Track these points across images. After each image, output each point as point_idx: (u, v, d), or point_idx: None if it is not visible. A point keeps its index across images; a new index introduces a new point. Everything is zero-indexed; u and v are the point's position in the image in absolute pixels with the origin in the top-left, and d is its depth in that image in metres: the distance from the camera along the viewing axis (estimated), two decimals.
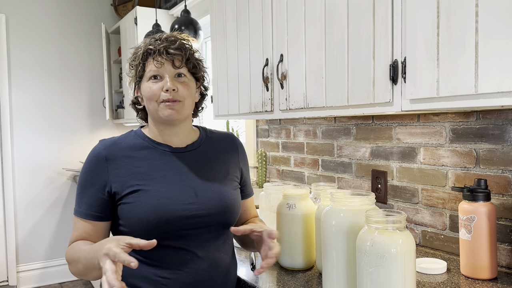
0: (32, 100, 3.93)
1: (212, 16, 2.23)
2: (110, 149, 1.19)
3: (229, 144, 1.33)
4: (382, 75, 1.21)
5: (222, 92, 2.14)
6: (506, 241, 1.34)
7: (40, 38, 3.94)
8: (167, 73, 1.17)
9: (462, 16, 0.99)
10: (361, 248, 0.99)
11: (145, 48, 1.18)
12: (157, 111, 1.17)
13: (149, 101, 1.18)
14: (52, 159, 4.02)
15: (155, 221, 1.11)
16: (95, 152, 1.19)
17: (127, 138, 1.23)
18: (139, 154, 1.19)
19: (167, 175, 1.18)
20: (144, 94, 1.19)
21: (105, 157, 1.17)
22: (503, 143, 1.33)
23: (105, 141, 1.22)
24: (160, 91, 1.16)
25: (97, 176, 1.16)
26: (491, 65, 0.94)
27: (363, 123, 1.84)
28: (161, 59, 1.16)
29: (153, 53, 1.17)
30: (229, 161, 1.29)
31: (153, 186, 1.15)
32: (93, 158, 1.18)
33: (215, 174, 1.24)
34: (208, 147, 1.27)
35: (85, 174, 1.18)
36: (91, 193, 1.16)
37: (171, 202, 1.14)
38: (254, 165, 2.61)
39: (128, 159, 1.18)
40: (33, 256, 3.95)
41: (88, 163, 1.19)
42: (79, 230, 1.17)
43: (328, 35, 1.41)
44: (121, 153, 1.19)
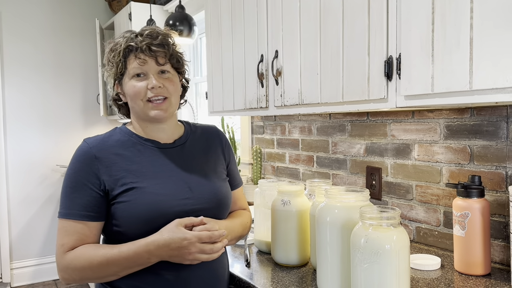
0: (26, 97, 3.90)
1: (207, 12, 2.22)
2: (98, 148, 1.14)
3: (213, 136, 1.34)
4: (377, 71, 1.21)
5: (217, 89, 2.14)
6: (499, 237, 1.35)
7: (33, 34, 3.91)
8: (151, 70, 1.16)
9: (457, 12, 0.99)
10: (355, 244, 0.99)
11: (126, 45, 1.15)
12: (143, 110, 1.17)
13: (133, 100, 1.17)
14: (46, 156, 4.00)
15: (152, 218, 1.10)
16: (82, 151, 1.14)
17: (113, 136, 1.20)
18: (128, 152, 1.17)
19: (159, 172, 1.17)
20: (128, 93, 1.17)
21: (95, 155, 1.13)
22: (497, 140, 1.34)
23: (91, 139, 1.17)
24: (145, 89, 1.15)
25: (89, 175, 1.11)
26: (486, 62, 0.94)
27: (358, 119, 1.84)
28: (144, 56, 1.14)
29: (135, 50, 1.15)
30: (215, 154, 1.31)
31: (146, 183, 1.13)
32: (81, 157, 1.13)
33: (204, 168, 1.25)
34: (194, 142, 1.28)
35: (75, 174, 1.12)
36: (85, 193, 1.11)
37: (167, 198, 1.13)
38: (249, 162, 2.61)
39: (118, 157, 1.15)
40: (27, 253, 3.93)
41: (76, 163, 1.13)
42: (75, 234, 1.10)
43: (323, 31, 1.40)
44: (110, 151, 1.15)
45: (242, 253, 1.51)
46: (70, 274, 1.09)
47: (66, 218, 1.11)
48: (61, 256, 1.09)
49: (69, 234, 1.10)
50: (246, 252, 1.45)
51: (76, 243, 1.10)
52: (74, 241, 1.10)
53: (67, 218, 1.11)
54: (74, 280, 1.11)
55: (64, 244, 1.10)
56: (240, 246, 1.59)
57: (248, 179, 2.51)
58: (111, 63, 1.19)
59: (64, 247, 1.10)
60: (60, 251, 1.10)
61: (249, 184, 2.39)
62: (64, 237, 1.10)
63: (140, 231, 1.10)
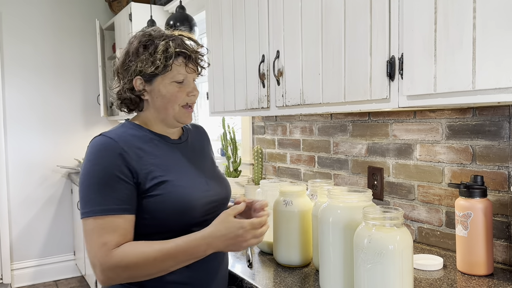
0: (26, 98, 3.90)
1: (208, 12, 2.22)
2: (122, 142, 1.12)
3: (202, 134, 1.41)
4: (379, 71, 1.21)
5: (218, 89, 2.13)
6: (502, 237, 1.35)
7: (33, 35, 3.91)
8: (191, 77, 1.21)
9: (460, 12, 0.99)
10: (358, 244, 0.99)
11: (178, 49, 1.16)
12: (176, 114, 1.19)
13: (170, 103, 1.18)
14: (46, 157, 4.00)
15: (184, 210, 1.13)
16: (108, 145, 1.10)
17: (128, 131, 1.18)
18: (148, 146, 1.16)
19: (179, 165, 1.20)
20: (166, 95, 1.17)
21: (123, 148, 1.10)
22: (500, 140, 1.34)
23: (111, 133, 1.14)
24: (184, 95, 1.19)
25: (122, 168, 1.08)
26: (489, 62, 0.94)
27: (359, 119, 1.84)
28: (193, 66, 1.20)
29: (186, 57, 1.18)
30: (207, 150, 1.39)
31: (173, 176, 1.15)
32: (109, 151, 1.09)
33: (206, 162, 1.32)
34: (193, 138, 1.34)
35: (106, 169, 1.07)
36: (120, 186, 1.07)
37: (193, 190, 1.16)
38: (250, 162, 2.61)
39: (141, 151, 1.14)
40: (27, 254, 3.93)
41: (104, 157, 1.08)
42: (116, 230, 1.05)
43: (325, 31, 1.40)
44: (134, 145, 1.13)
45: (244, 253, 1.51)
46: (119, 273, 1.04)
47: (102, 214, 1.05)
48: (107, 255, 1.03)
49: (110, 231, 1.05)
50: (248, 252, 1.45)
51: (119, 239, 1.05)
52: (117, 237, 1.05)
53: (104, 215, 1.05)
54: (121, 279, 1.06)
55: (107, 242, 1.04)
56: None
57: (249, 180, 2.51)
58: (147, 58, 1.16)
59: (108, 246, 1.04)
60: (103, 251, 1.03)
61: (250, 185, 2.39)
62: (103, 235, 1.04)
63: (171, 223, 1.12)
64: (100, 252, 1.04)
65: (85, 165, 1.10)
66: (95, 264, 1.05)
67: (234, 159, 2.53)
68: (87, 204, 1.07)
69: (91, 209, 1.06)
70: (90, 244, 1.05)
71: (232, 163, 2.53)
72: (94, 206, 1.06)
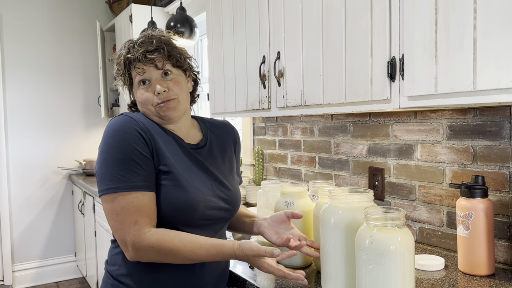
0: (27, 99, 3.91)
1: (208, 13, 2.22)
2: (142, 123, 1.13)
3: (229, 134, 1.36)
4: (379, 72, 1.21)
5: (218, 90, 2.14)
6: (503, 237, 1.35)
7: (34, 36, 3.92)
8: (153, 76, 1.17)
9: (461, 12, 0.99)
10: (360, 245, 0.99)
11: (125, 58, 1.19)
12: (154, 114, 1.19)
13: (144, 106, 1.19)
14: (47, 158, 4.01)
15: (185, 206, 1.12)
16: (129, 122, 1.11)
17: (141, 118, 1.18)
18: (159, 137, 1.16)
19: (187, 165, 1.18)
20: (139, 101, 1.20)
21: (143, 129, 1.11)
22: (500, 140, 1.34)
23: (132, 114, 1.16)
24: (153, 96, 1.17)
25: (144, 146, 1.09)
26: (490, 62, 0.94)
27: (360, 120, 1.84)
28: (141, 65, 1.16)
29: (133, 60, 1.17)
30: (229, 152, 1.33)
31: (181, 171, 1.14)
32: (130, 128, 1.10)
33: (222, 169, 1.28)
34: (212, 142, 1.29)
35: (128, 145, 1.07)
36: (145, 162, 1.08)
37: (198, 191, 1.15)
38: (251, 163, 2.61)
39: (157, 137, 1.15)
40: (28, 255, 3.93)
41: (126, 134, 1.08)
42: (145, 207, 1.06)
43: (326, 32, 1.41)
44: (151, 129, 1.15)
45: None
46: (149, 254, 1.06)
47: (132, 191, 1.05)
48: (140, 235, 1.04)
49: (139, 209, 1.05)
50: None
51: (149, 217, 1.06)
52: (147, 215, 1.06)
53: (134, 191, 1.05)
54: (150, 259, 1.07)
55: (138, 220, 1.04)
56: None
57: (250, 180, 2.51)
58: (119, 76, 1.24)
59: (140, 224, 1.04)
60: (136, 230, 1.04)
61: (251, 185, 2.39)
62: (134, 213, 1.04)
63: (168, 216, 1.11)
64: (133, 231, 1.04)
65: (106, 142, 1.09)
66: (126, 241, 1.05)
67: None
68: (114, 180, 1.05)
69: (119, 185, 1.05)
70: (120, 222, 1.05)
71: None
72: (123, 182, 1.05)
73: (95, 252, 3.36)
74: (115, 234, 1.09)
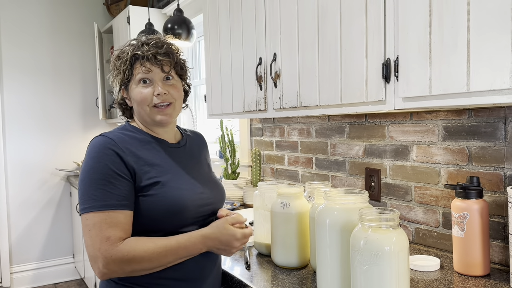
0: (24, 101, 3.91)
1: (205, 15, 2.22)
2: (122, 142, 1.17)
3: (201, 141, 1.46)
4: (374, 73, 1.22)
5: (215, 91, 2.14)
6: (498, 237, 1.36)
7: (32, 38, 3.92)
8: (156, 77, 1.21)
9: (454, 14, 0.99)
10: (354, 246, 0.99)
11: (132, 53, 1.21)
12: (149, 115, 1.23)
13: (140, 105, 1.22)
14: (45, 160, 4.00)
15: (177, 211, 1.17)
16: (108, 143, 1.15)
17: (127, 133, 1.23)
18: (145, 148, 1.21)
19: (175, 167, 1.24)
20: (135, 98, 1.22)
21: (121, 148, 1.15)
22: (495, 141, 1.34)
23: (111, 134, 1.19)
24: (151, 96, 1.21)
25: (121, 166, 1.13)
26: (483, 63, 0.94)
27: (356, 121, 1.85)
28: (149, 65, 1.20)
29: (141, 58, 1.20)
30: (205, 156, 1.43)
31: (168, 178, 1.19)
32: (108, 149, 1.14)
33: (204, 167, 1.36)
34: (191, 143, 1.38)
35: (105, 166, 1.11)
36: (121, 183, 1.11)
37: (188, 192, 1.21)
38: (248, 164, 2.61)
39: (139, 152, 1.18)
40: (26, 257, 3.93)
41: (104, 155, 1.13)
42: (118, 224, 1.09)
43: (321, 34, 1.41)
44: (132, 146, 1.19)
45: (242, 255, 1.52)
46: (123, 266, 1.08)
47: (104, 209, 1.09)
48: (112, 249, 1.07)
49: (113, 226, 1.08)
50: (246, 254, 1.45)
51: (121, 234, 1.09)
52: (119, 232, 1.09)
53: (106, 210, 1.09)
54: (122, 272, 1.09)
55: (110, 236, 1.07)
56: None
57: (247, 182, 2.51)
58: (117, 70, 1.24)
59: (112, 240, 1.07)
60: (108, 244, 1.07)
61: (249, 187, 2.40)
62: (107, 230, 1.08)
63: (163, 223, 1.16)
64: (104, 246, 1.07)
65: (86, 163, 1.14)
66: (97, 257, 1.07)
67: (232, 161, 2.54)
68: (88, 199, 1.10)
69: (92, 204, 1.09)
70: (93, 238, 1.08)
71: (230, 165, 2.54)
72: (96, 202, 1.09)
73: None
74: (87, 251, 1.11)
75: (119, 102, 1.30)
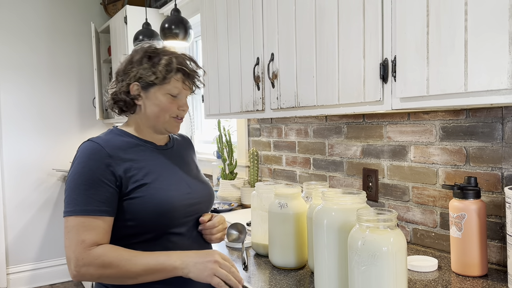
0: (21, 101, 3.89)
1: (203, 15, 2.22)
2: (109, 147, 1.19)
3: (187, 143, 1.48)
4: (372, 74, 1.22)
5: (213, 92, 2.14)
6: (496, 238, 1.36)
7: (29, 38, 3.90)
8: (184, 94, 1.30)
9: (452, 15, 0.99)
10: (352, 246, 0.99)
11: (180, 66, 1.25)
12: (164, 123, 1.27)
13: (161, 112, 1.26)
14: (42, 160, 3.99)
15: (165, 212, 1.19)
16: (95, 149, 1.17)
17: (115, 137, 1.25)
18: (133, 151, 1.24)
19: (161, 169, 1.26)
20: (159, 104, 1.25)
21: (108, 153, 1.17)
22: (493, 141, 1.34)
23: (98, 139, 1.21)
24: (176, 108, 1.27)
25: (105, 172, 1.15)
26: (480, 64, 0.94)
27: (354, 121, 1.85)
28: (189, 84, 1.30)
29: (185, 74, 1.27)
30: (193, 158, 1.46)
31: (155, 179, 1.21)
32: (95, 155, 1.16)
33: (191, 168, 1.39)
34: (179, 146, 1.41)
35: (90, 172, 1.14)
36: (102, 189, 1.13)
37: (175, 193, 1.23)
38: (246, 164, 2.61)
39: (126, 156, 1.21)
40: (23, 258, 3.91)
41: (90, 161, 1.15)
42: (95, 229, 1.12)
43: (319, 34, 1.41)
44: (119, 150, 1.21)
45: (240, 256, 1.51)
46: (92, 270, 1.09)
47: (83, 214, 1.12)
48: (84, 252, 1.09)
49: (89, 230, 1.11)
50: (244, 255, 1.45)
51: (97, 238, 1.12)
52: (95, 236, 1.11)
53: (85, 215, 1.12)
54: (91, 276, 1.11)
55: (85, 240, 1.10)
56: (237, 249, 1.59)
57: (245, 182, 2.51)
58: (150, 68, 1.24)
59: (86, 243, 1.10)
60: (81, 247, 1.10)
61: (246, 187, 2.39)
62: (83, 233, 1.11)
63: (152, 224, 1.18)
64: (77, 249, 1.10)
65: (73, 167, 1.18)
66: (71, 258, 1.10)
67: (230, 161, 2.53)
68: (70, 203, 1.13)
69: (73, 208, 1.12)
70: (69, 240, 1.11)
71: (228, 165, 2.54)
72: (76, 206, 1.12)
73: None
74: (65, 252, 1.13)
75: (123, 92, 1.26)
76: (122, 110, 1.31)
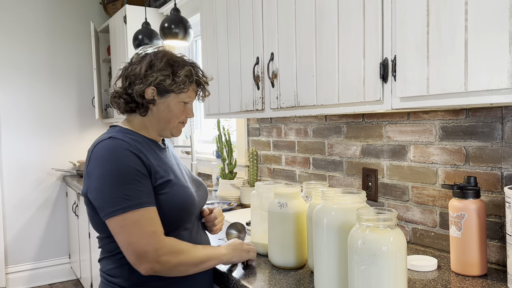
0: (20, 100, 3.89)
1: (202, 14, 2.22)
2: (133, 145, 1.20)
3: (169, 143, 1.50)
4: (372, 73, 1.22)
5: (213, 91, 2.14)
6: (495, 237, 1.36)
7: (28, 37, 3.90)
8: (192, 102, 1.37)
9: (452, 14, 0.99)
10: (352, 246, 0.99)
11: (198, 78, 1.32)
12: (172, 128, 1.33)
13: (173, 118, 1.31)
14: (41, 160, 3.99)
15: (188, 208, 1.26)
16: (124, 145, 1.17)
17: (127, 135, 1.24)
18: (146, 149, 1.25)
19: (172, 167, 1.31)
20: (173, 111, 1.30)
21: (136, 147, 1.20)
22: (492, 141, 1.34)
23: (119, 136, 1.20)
24: (185, 115, 1.34)
25: (141, 166, 1.17)
26: (480, 63, 0.94)
27: (353, 121, 1.85)
28: (201, 94, 1.38)
29: (200, 86, 1.35)
30: None
31: (174, 176, 1.27)
32: (125, 150, 1.16)
33: (185, 167, 1.45)
34: (169, 146, 1.46)
35: (129, 167, 1.14)
36: (144, 181, 1.16)
37: (192, 190, 1.31)
38: (245, 164, 2.61)
39: (146, 154, 1.22)
40: (22, 257, 3.91)
41: (124, 156, 1.15)
42: (156, 219, 1.15)
43: (319, 34, 1.41)
44: (140, 146, 1.23)
45: None
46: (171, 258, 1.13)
47: (140, 207, 1.12)
48: (161, 241, 1.13)
49: (153, 221, 1.14)
50: None
51: (161, 228, 1.16)
52: (159, 226, 1.15)
53: (142, 207, 1.12)
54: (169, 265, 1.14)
55: (156, 231, 1.13)
56: None
57: (244, 182, 2.51)
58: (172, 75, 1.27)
59: (158, 234, 1.13)
60: (156, 238, 1.12)
61: (246, 187, 2.39)
62: (149, 225, 1.12)
63: (172, 220, 1.22)
64: (152, 240, 1.11)
65: (103, 166, 1.14)
66: (146, 251, 1.10)
67: (229, 161, 2.53)
68: (119, 201, 1.11)
69: (127, 204, 1.11)
70: (137, 235, 1.10)
71: (228, 165, 2.53)
72: (129, 201, 1.11)
73: (89, 254, 3.34)
74: (131, 250, 1.11)
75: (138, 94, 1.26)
76: (132, 110, 1.30)
